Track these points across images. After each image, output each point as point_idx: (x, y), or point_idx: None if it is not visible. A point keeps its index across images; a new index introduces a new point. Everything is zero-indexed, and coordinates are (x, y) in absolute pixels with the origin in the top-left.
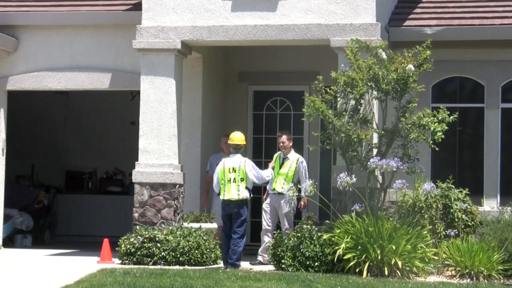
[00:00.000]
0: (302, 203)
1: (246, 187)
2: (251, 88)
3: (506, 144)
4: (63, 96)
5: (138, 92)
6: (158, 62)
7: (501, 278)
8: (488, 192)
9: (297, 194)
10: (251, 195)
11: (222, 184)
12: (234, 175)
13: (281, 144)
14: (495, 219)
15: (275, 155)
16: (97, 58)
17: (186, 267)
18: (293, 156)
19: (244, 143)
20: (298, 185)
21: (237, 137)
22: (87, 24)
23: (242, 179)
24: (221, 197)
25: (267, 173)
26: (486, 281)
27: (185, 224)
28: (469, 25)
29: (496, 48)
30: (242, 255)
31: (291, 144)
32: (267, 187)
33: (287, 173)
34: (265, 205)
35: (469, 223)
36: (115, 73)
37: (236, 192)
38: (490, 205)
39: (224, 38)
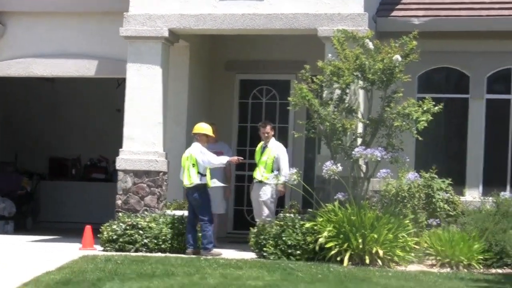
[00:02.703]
0: (281, 189)
1: (198, 172)
2: (237, 77)
3: (490, 135)
4: (48, 83)
5: (124, 80)
6: (145, 50)
7: (481, 267)
8: (470, 183)
9: (279, 182)
10: (207, 182)
11: (183, 172)
12: (188, 162)
13: (266, 134)
14: (477, 209)
15: (258, 145)
16: (84, 45)
17: (168, 254)
18: (272, 144)
19: (199, 132)
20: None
21: (195, 127)
22: (74, 11)
23: (193, 165)
24: (183, 184)
25: (216, 159)
26: (466, 270)
27: (168, 212)
28: (456, 16)
29: (482, 39)
30: (213, 238)
31: (273, 133)
32: (253, 179)
33: (266, 161)
34: (252, 196)
35: (451, 213)
36: (101, 60)
37: (188, 178)
38: (472, 195)
39: (212, 26)
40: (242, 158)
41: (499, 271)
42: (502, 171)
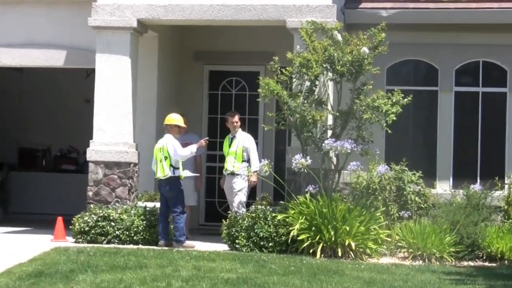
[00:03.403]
0: (253, 180)
1: (171, 165)
2: (206, 68)
3: (459, 127)
4: (17, 73)
5: (93, 70)
6: (114, 40)
7: (453, 260)
8: (441, 175)
9: (251, 172)
10: (181, 174)
11: (155, 164)
12: (161, 154)
13: (235, 123)
14: (448, 201)
15: (226, 137)
16: (53, 35)
17: (140, 246)
18: (240, 134)
19: (170, 123)
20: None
21: (166, 118)
22: (43, 0)
23: (166, 157)
24: (155, 176)
25: (186, 151)
26: (438, 262)
27: (140, 203)
28: (424, 8)
29: (451, 32)
30: (185, 230)
31: (240, 124)
32: (223, 171)
33: (236, 151)
34: (225, 188)
35: (422, 205)
36: (70, 50)
37: (161, 170)
38: (442, 188)
39: (181, 17)
40: (208, 138)
41: (471, 263)
42: (472, 163)
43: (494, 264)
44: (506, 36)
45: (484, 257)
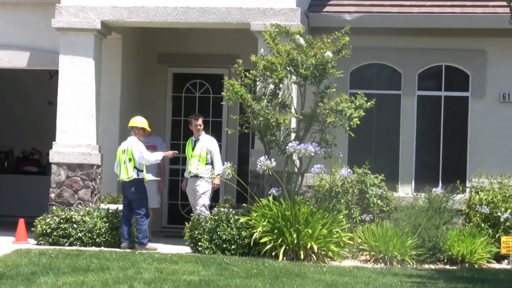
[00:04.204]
0: (216, 182)
1: (135, 167)
2: (170, 70)
3: (421, 131)
4: None
5: (57, 72)
6: (77, 42)
7: (414, 263)
8: (403, 178)
9: (214, 175)
10: (144, 176)
11: (119, 166)
12: (125, 156)
13: (199, 126)
14: (410, 205)
15: (189, 139)
16: (16, 36)
17: (103, 248)
18: (204, 137)
19: (135, 125)
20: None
21: (131, 120)
22: (6, 1)
23: (130, 160)
24: (118, 178)
25: (152, 156)
26: (399, 265)
27: (102, 206)
28: (387, 13)
29: (414, 36)
30: (148, 233)
31: (203, 126)
32: (185, 174)
33: (200, 154)
34: (187, 191)
35: (384, 209)
36: (33, 51)
37: (125, 172)
38: (405, 191)
39: (145, 19)
40: (176, 151)
41: (432, 266)
42: (434, 167)
43: (455, 267)
44: (469, 41)
45: (445, 260)
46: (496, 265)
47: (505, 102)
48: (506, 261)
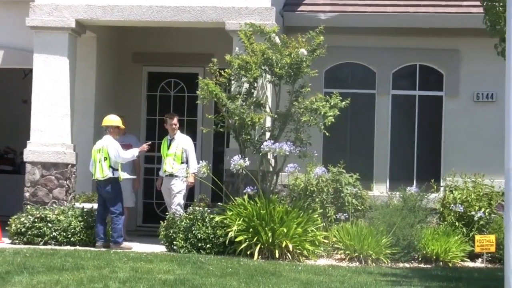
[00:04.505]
0: (190, 181)
1: (110, 166)
2: (145, 69)
3: (396, 130)
4: None
5: (31, 70)
6: (52, 41)
7: (389, 261)
8: (377, 177)
9: (188, 173)
10: (119, 175)
11: (93, 165)
12: (100, 155)
13: (174, 125)
14: (384, 204)
15: (164, 138)
16: None
17: (78, 247)
18: (179, 136)
19: (110, 124)
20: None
21: (105, 119)
22: None
23: (105, 158)
24: (93, 177)
25: (128, 154)
26: (374, 264)
27: (77, 205)
28: (362, 12)
29: (388, 36)
30: (123, 232)
31: (178, 125)
32: (160, 173)
33: (175, 153)
34: (162, 190)
35: (359, 208)
36: (7, 50)
37: (100, 171)
38: (379, 190)
39: (119, 18)
40: (150, 142)
41: (407, 265)
42: (408, 166)
43: (429, 266)
44: (443, 40)
45: (420, 259)
46: (470, 264)
47: (479, 101)
48: (480, 259)
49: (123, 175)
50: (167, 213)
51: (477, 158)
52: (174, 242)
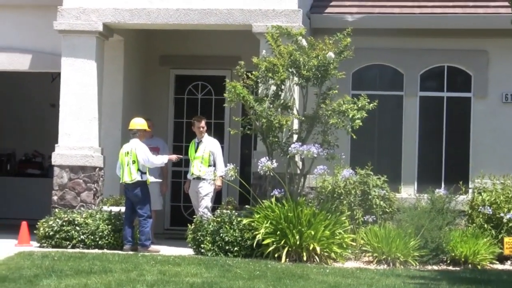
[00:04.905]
0: (218, 184)
1: (138, 170)
2: (172, 72)
3: (424, 132)
4: None
5: (59, 74)
6: (79, 44)
7: (417, 264)
8: (405, 179)
9: (215, 176)
10: (148, 179)
11: (121, 168)
12: (128, 158)
13: (202, 128)
14: (412, 206)
15: (192, 141)
16: (17, 39)
17: (105, 250)
18: (207, 139)
19: (140, 128)
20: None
21: (133, 123)
22: (7, 3)
23: (133, 162)
24: (120, 181)
25: (157, 160)
26: (402, 267)
27: (105, 208)
28: (389, 14)
29: (415, 37)
30: (151, 235)
31: (206, 128)
32: (187, 176)
33: (203, 156)
34: (190, 193)
35: (387, 210)
36: (35, 54)
37: (128, 174)
38: (407, 192)
39: (146, 21)
40: (181, 156)
41: (435, 267)
42: (436, 168)
43: (458, 268)
44: (470, 41)
45: (448, 261)
46: (499, 266)
47: (508, 102)
48: (509, 261)
49: (151, 178)
50: (194, 216)
51: (505, 159)
52: (202, 245)
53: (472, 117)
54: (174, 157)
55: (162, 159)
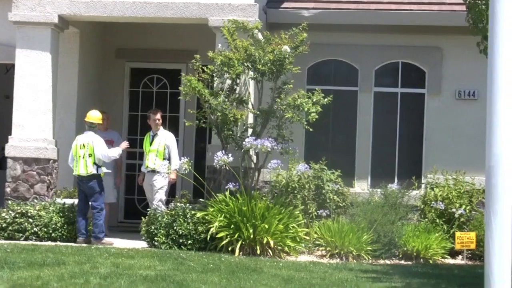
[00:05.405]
0: (172, 177)
1: (94, 163)
2: (128, 65)
3: (378, 127)
4: None
5: (13, 66)
6: (34, 36)
7: (370, 258)
8: (359, 174)
9: (170, 170)
10: (102, 171)
11: (75, 160)
12: (84, 151)
13: (157, 121)
14: (366, 200)
15: (147, 134)
16: None
17: (59, 243)
18: (162, 132)
19: (99, 122)
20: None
21: (92, 116)
22: None
23: (90, 155)
24: (73, 173)
25: (113, 152)
26: (355, 261)
27: (58, 200)
28: (345, 9)
29: (371, 33)
30: (104, 227)
31: (161, 121)
32: (142, 168)
33: (158, 149)
34: (144, 186)
35: (341, 204)
36: None
37: (84, 167)
38: (361, 187)
39: (102, 13)
40: (127, 142)
41: (387, 262)
42: (390, 163)
43: (410, 263)
44: (425, 38)
45: (401, 256)
46: (450, 260)
47: (461, 99)
48: (460, 256)
49: (104, 169)
50: (148, 209)
51: (458, 155)
52: (156, 238)
53: (425, 113)
54: (124, 145)
55: (118, 151)
